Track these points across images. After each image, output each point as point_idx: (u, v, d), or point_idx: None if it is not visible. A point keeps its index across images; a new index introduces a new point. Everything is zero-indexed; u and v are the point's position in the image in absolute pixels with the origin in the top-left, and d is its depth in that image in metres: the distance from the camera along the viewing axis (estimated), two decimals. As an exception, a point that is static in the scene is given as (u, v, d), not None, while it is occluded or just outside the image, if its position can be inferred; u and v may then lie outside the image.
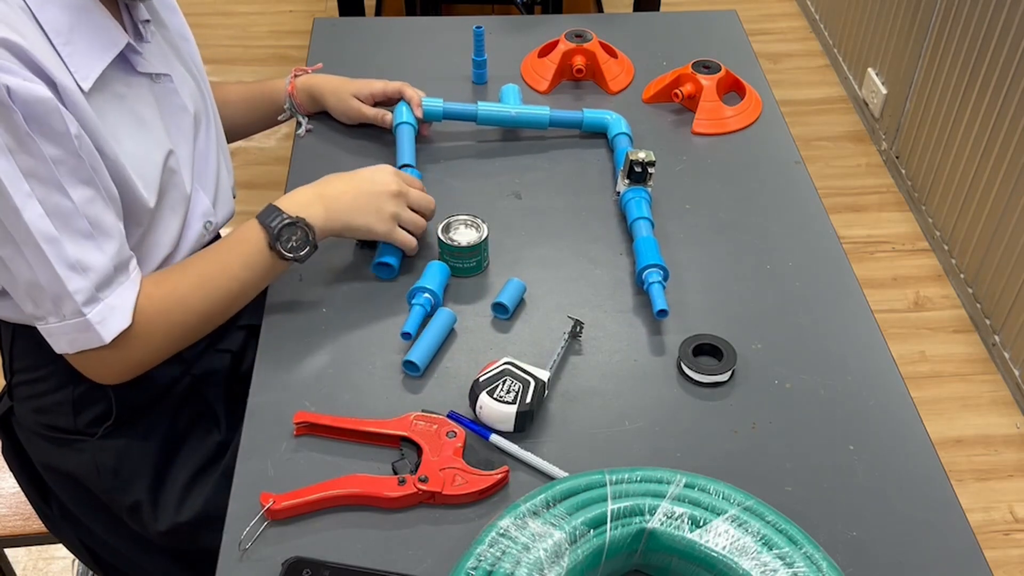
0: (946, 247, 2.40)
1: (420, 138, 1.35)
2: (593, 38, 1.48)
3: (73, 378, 1.09)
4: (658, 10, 2.63)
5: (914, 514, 0.92)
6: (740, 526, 0.81)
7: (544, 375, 0.99)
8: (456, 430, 0.95)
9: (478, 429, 0.97)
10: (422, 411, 0.98)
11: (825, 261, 1.19)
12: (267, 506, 0.89)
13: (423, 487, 0.90)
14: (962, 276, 2.33)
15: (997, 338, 2.18)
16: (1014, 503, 1.95)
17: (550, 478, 0.93)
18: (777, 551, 0.79)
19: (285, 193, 1.27)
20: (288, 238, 1.03)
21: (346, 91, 1.34)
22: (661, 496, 0.83)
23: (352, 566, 0.86)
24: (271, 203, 1.06)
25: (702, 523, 0.82)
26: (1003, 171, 2.11)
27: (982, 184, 2.20)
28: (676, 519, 0.82)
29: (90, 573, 1.70)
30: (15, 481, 1.25)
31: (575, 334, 1.08)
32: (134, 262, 0.98)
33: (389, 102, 1.35)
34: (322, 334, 1.08)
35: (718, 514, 0.82)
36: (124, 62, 1.00)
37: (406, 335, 1.05)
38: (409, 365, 1.03)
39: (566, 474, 0.93)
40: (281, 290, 1.13)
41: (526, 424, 0.97)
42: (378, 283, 1.14)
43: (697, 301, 1.13)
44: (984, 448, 2.05)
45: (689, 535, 0.81)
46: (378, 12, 3.02)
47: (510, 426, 0.96)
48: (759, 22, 3.28)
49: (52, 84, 0.88)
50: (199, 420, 1.19)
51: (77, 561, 1.75)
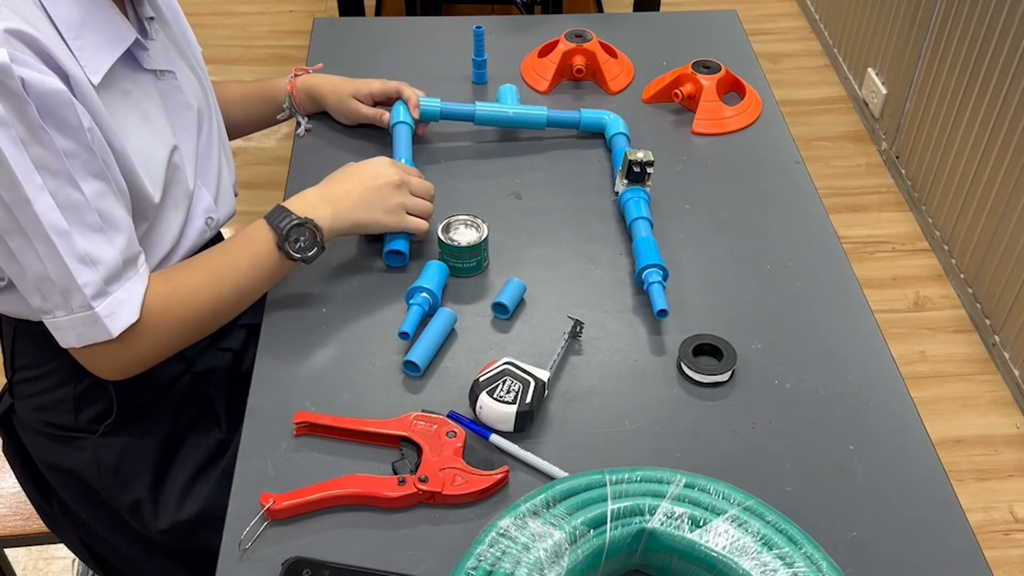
0: (946, 247, 2.40)
1: (417, 138, 1.35)
2: (593, 38, 1.48)
3: (75, 375, 1.09)
4: (658, 10, 2.63)
5: (914, 514, 0.92)
6: (740, 526, 0.81)
7: (544, 375, 0.99)
8: (456, 430, 0.95)
9: (478, 429, 0.97)
10: (422, 411, 0.98)
11: (825, 261, 1.19)
12: (267, 506, 0.89)
13: (423, 487, 0.90)
14: (962, 276, 2.33)
15: (997, 338, 2.18)
16: (1014, 503, 1.95)
17: (550, 478, 0.93)
18: (777, 551, 0.79)
19: (285, 192, 1.27)
20: (296, 239, 1.04)
21: (344, 91, 1.34)
22: (661, 496, 0.83)
23: (352, 566, 0.86)
24: (279, 204, 1.07)
25: (702, 523, 0.82)
26: (1003, 171, 2.11)
27: (982, 184, 2.20)
28: (676, 519, 0.82)
29: (90, 573, 1.70)
30: (15, 481, 1.25)
31: (575, 334, 1.08)
32: (143, 257, 0.98)
33: (388, 102, 1.35)
34: (322, 334, 1.08)
35: (718, 514, 0.82)
36: (130, 58, 1.00)
37: (404, 335, 1.05)
38: (409, 365, 1.03)
39: (566, 474, 0.93)
40: (281, 289, 1.13)
41: (526, 424, 0.97)
42: (378, 283, 1.14)
43: (697, 301, 1.13)
44: (984, 448, 2.05)
45: (689, 535, 0.81)
46: (378, 12, 3.02)
47: (510, 426, 0.96)
48: (759, 22, 3.28)
49: (65, 77, 0.89)
50: (200, 419, 1.19)
51: (77, 561, 1.75)
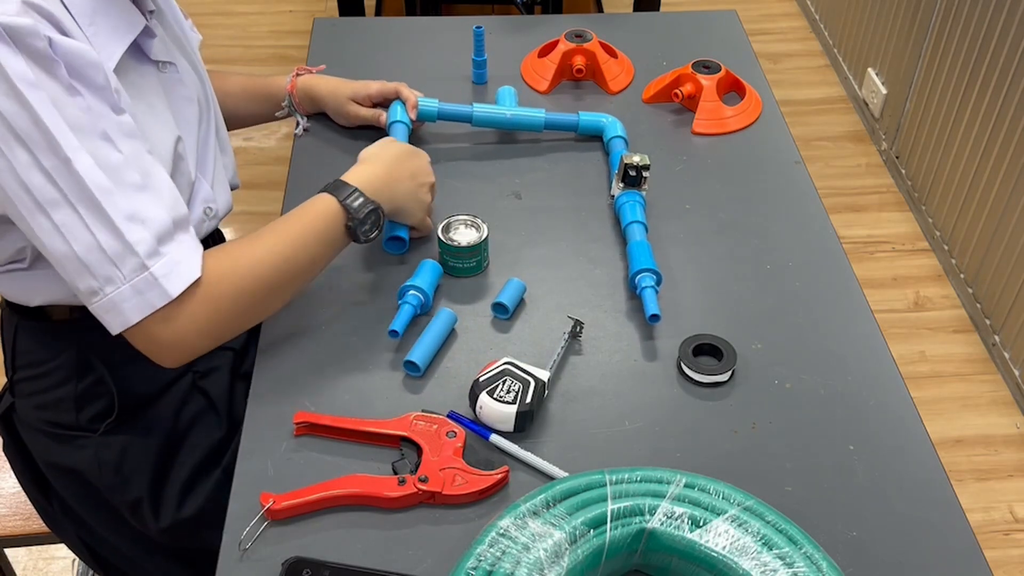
0: (946, 247, 2.40)
1: (416, 137, 1.35)
2: (593, 38, 1.48)
3: (76, 374, 1.09)
4: (658, 10, 2.63)
5: (914, 514, 0.92)
6: (740, 526, 0.81)
7: (544, 375, 0.99)
8: (456, 430, 0.95)
9: (478, 429, 0.97)
10: (422, 411, 0.98)
11: (825, 261, 1.19)
12: (267, 506, 0.89)
13: (423, 487, 0.90)
14: (962, 276, 2.33)
15: (997, 338, 2.18)
16: (1014, 503, 1.95)
17: (550, 478, 0.93)
18: (777, 551, 0.79)
19: (285, 192, 1.27)
20: (366, 222, 1.04)
21: (343, 94, 1.34)
22: (661, 496, 0.83)
23: (352, 566, 0.86)
24: (344, 181, 1.06)
25: (702, 523, 0.82)
26: (1003, 171, 2.11)
27: (982, 184, 2.20)
28: (676, 519, 0.82)
29: (90, 573, 1.70)
30: (15, 480, 1.25)
31: (575, 334, 1.08)
32: (190, 220, 0.95)
33: (386, 103, 1.35)
34: (322, 334, 1.08)
35: (718, 514, 0.82)
36: (136, 50, 1.00)
37: (393, 333, 1.05)
38: (409, 365, 1.03)
39: (566, 474, 0.93)
40: (281, 290, 1.13)
41: (526, 424, 0.97)
42: (379, 283, 1.14)
43: (697, 301, 1.13)
44: (984, 448, 2.05)
45: (689, 535, 0.81)
46: (378, 12, 3.02)
47: (510, 426, 0.96)
48: (759, 22, 3.28)
49: None
50: (201, 418, 1.19)
51: (77, 561, 1.75)
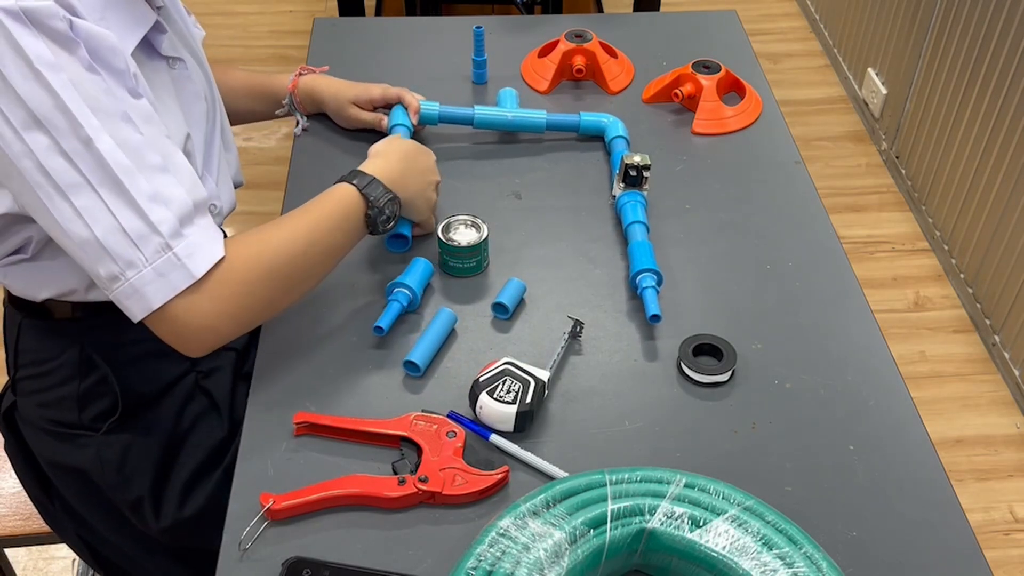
0: (946, 247, 2.40)
1: (417, 138, 1.35)
2: (593, 38, 1.48)
3: (79, 372, 1.09)
4: (658, 10, 2.63)
5: (914, 514, 0.92)
6: (740, 526, 0.81)
7: (544, 375, 0.99)
8: (456, 430, 0.95)
9: (478, 429, 0.97)
10: (422, 411, 0.98)
11: (825, 261, 1.19)
12: (267, 506, 0.89)
13: (423, 487, 0.90)
14: (962, 276, 2.33)
15: (997, 338, 2.18)
16: (1014, 503, 1.95)
17: (550, 478, 0.93)
18: (777, 551, 0.79)
19: (285, 192, 1.27)
20: (387, 214, 1.04)
21: (345, 97, 1.34)
22: (661, 496, 0.83)
23: (352, 566, 0.86)
24: (362, 171, 1.06)
25: (702, 523, 0.82)
26: (1003, 171, 2.11)
27: (982, 184, 2.20)
28: (676, 519, 0.82)
29: (91, 572, 1.70)
30: (16, 480, 1.25)
31: (575, 334, 1.08)
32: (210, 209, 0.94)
33: (388, 106, 1.35)
34: (322, 334, 1.08)
35: (718, 514, 0.82)
36: (147, 45, 1.00)
37: (378, 329, 1.06)
38: (409, 365, 1.03)
39: (566, 474, 0.93)
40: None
41: (526, 424, 0.97)
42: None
43: (697, 301, 1.13)
44: (984, 448, 2.05)
45: (689, 535, 0.81)
46: (378, 12, 3.02)
47: (510, 426, 0.96)
48: (759, 22, 3.28)
49: None
50: (203, 417, 1.19)
51: (77, 560, 1.75)
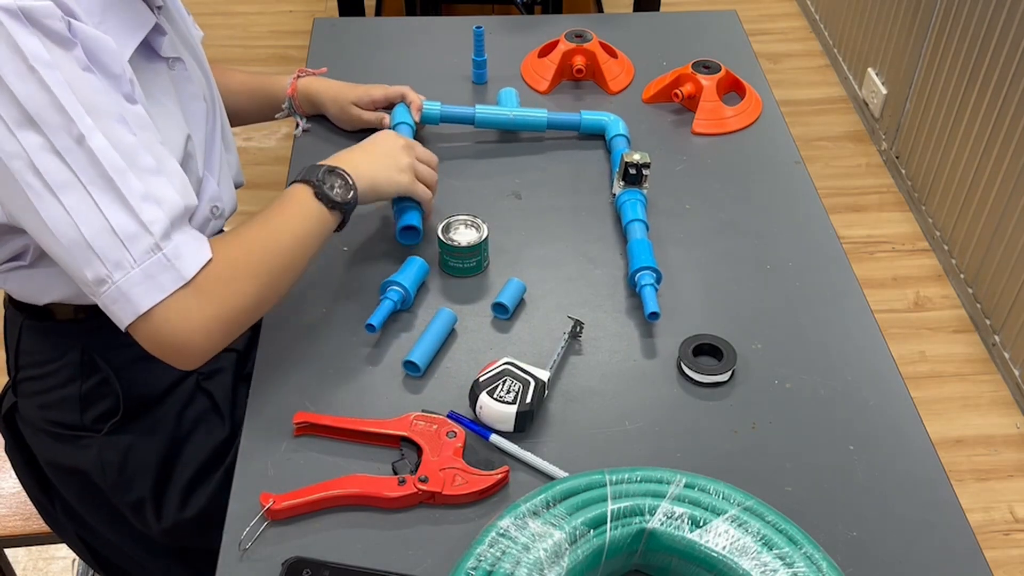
0: (946, 247, 2.40)
1: (418, 138, 1.35)
2: (593, 38, 1.48)
3: (81, 374, 1.09)
4: (658, 10, 2.63)
5: (914, 514, 0.92)
6: (740, 526, 0.81)
7: (544, 375, 0.99)
8: (456, 430, 0.95)
9: (478, 429, 0.97)
10: (422, 411, 0.98)
11: (825, 261, 1.19)
12: (267, 506, 0.89)
13: (423, 487, 0.90)
14: (962, 276, 2.33)
15: (997, 338, 2.18)
16: (1014, 503, 1.95)
17: (550, 478, 0.93)
18: (777, 551, 0.79)
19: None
20: (332, 184, 1.03)
21: (346, 99, 1.34)
22: (661, 496, 0.83)
23: (352, 566, 0.86)
24: (304, 167, 1.07)
25: (702, 523, 0.82)
26: (1003, 171, 2.11)
27: (982, 184, 2.20)
28: (676, 519, 0.82)
29: (91, 573, 1.70)
30: (16, 481, 1.25)
31: (575, 334, 1.08)
32: (198, 222, 0.94)
33: (390, 106, 1.35)
34: (322, 334, 1.08)
35: (718, 514, 0.82)
36: (146, 47, 1.00)
37: (370, 327, 1.06)
38: (409, 365, 1.03)
39: (566, 474, 0.93)
40: (281, 290, 1.13)
41: (526, 424, 0.97)
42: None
43: (697, 301, 1.13)
44: (984, 448, 2.05)
45: (689, 535, 0.81)
46: (378, 12, 3.02)
47: (510, 426, 0.96)
48: (759, 22, 3.28)
49: None
50: (204, 418, 1.19)
51: (77, 561, 1.75)
